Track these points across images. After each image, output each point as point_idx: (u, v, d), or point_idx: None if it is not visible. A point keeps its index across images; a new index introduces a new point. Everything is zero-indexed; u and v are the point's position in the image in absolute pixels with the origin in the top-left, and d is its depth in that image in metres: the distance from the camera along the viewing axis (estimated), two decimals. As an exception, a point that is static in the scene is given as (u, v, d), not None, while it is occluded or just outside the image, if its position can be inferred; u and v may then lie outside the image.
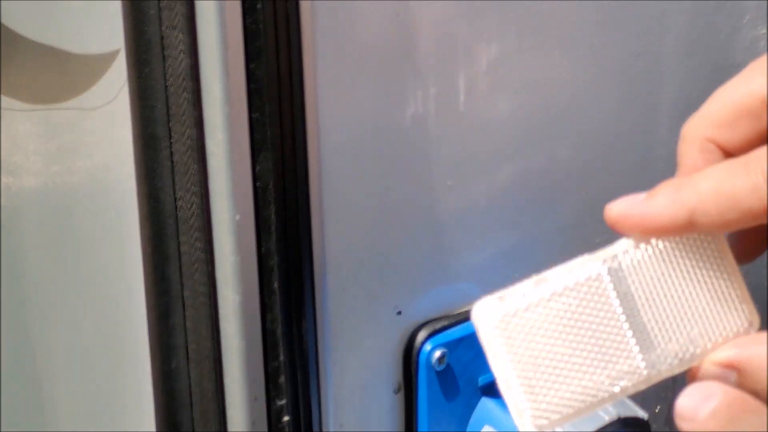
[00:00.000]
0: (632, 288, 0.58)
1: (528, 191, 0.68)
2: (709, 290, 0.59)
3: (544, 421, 0.56)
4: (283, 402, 0.60)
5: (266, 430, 0.61)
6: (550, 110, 0.68)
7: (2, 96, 0.68)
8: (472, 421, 0.68)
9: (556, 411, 0.57)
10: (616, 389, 0.58)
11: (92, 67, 0.63)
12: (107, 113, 0.63)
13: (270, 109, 0.57)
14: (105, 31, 0.61)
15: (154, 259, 0.60)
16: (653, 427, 0.81)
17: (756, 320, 0.60)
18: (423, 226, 0.64)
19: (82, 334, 0.69)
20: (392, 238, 0.63)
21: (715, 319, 0.60)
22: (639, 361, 0.58)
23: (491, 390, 0.68)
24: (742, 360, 0.58)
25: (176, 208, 0.59)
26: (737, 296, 0.60)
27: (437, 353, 0.65)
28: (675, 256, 0.59)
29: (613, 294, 0.58)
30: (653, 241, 0.58)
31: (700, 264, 0.60)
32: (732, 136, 0.59)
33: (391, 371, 0.65)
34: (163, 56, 0.57)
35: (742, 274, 0.60)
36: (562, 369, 0.57)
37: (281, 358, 0.60)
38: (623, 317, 0.58)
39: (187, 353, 0.60)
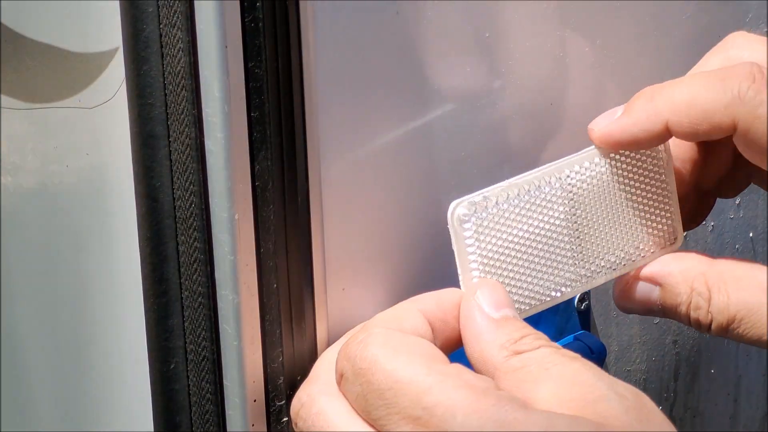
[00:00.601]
0: (585, 201, 0.63)
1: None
2: (649, 207, 0.65)
3: None
4: (282, 403, 0.60)
5: (265, 431, 0.60)
6: (551, 110, 0.68)
7: (0, 95, 0.68)
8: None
9: None
10: (558, 294, 0.63)
11: (90, 65, 0.62)
12: (105, 112, 0.63)
13: (269, 107, 0.57)
14: (103, 29, 0.61)
15: (153, 260, 0.59)
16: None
17: (680, 238, 0.66)
18: (424, 226, 0.64)
19: (78, 334, 0.69)
20: (393, 238, 0.63)
21: (648, 234, 0.65)
22: (582, 270, 0.63)
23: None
24: (664, 275, 0.64)
25: (175, 207, 0.58)
26: (670, 215, 0.65)
27: (437, 354, 0.65)
28: (627, 171, 0.64)
29: (569, 207, 0.62)
30: (612, 155, 0.63)
31: (647, 180, 0.64)
32: (682, 131, 0.62)
33: (391, 372, 0.65)
34: (162, 54, 0.57)
35: (677, 195, 0.65)
36: (516, 273, 0.61)
37: (281, 359, 0.59)
38: (574, 228, 0.62)
39: (186, 354, 0.60)
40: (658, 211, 0.65)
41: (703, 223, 0.79)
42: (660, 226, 0.66)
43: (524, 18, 0.65)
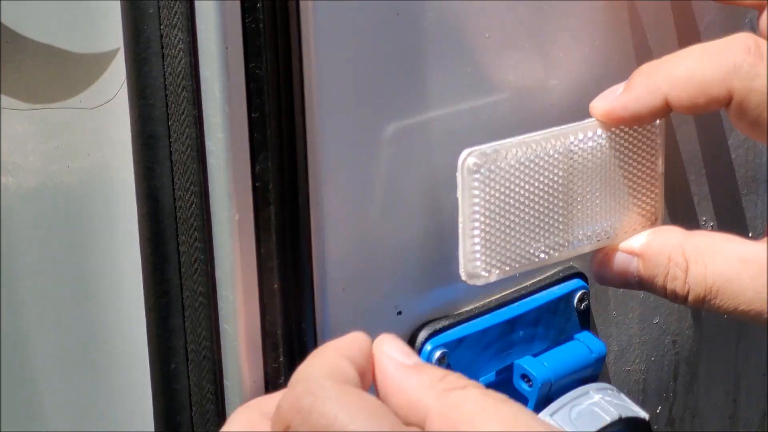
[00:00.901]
0: (582, 169, 0.64)
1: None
2: (637, 184, 0.67)
3: (486, 273, 0.62)
4: (283, 403, 0.60)
5: (265, 431, 0.60)
6: (552, 111, 0.68)
7: (1, 95, 0.68)
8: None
9: (497, 267, 0.63)
10: (545, 256, 0.64)
11: (91, 65, 0.62)
12: (106, 112, 0.63)
13: (270, 108, 0.57)
14: (104, 29, 0.61)
15: (153, 260, 0.59)
16: (654, 427, 0.80)
17: (660, 217, 0.68)
18: (424, 226, 0.64)
19: (80, 334, 0.69)
20: (393, 238, 0.63)
21: (633, 211, 0.67)
22: (569, 236, 0.65)
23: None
24: (643, 246, 0.66)
25: (175, 207, 0.58)
26: (655, 195, 0.67)
27: (437, 354, 0.65)
28: (623, 146, 0.65)
29: (568, 173, 0.64)
30: (612, 129, 0.64)
31: (639, 159, 0.66)
32: (682, 105, 0.63)
33: (391, 372, 0.65)
34: (163, 55, 0.57)
35: (663, 177, 0.67)
36: (513, 230, 0.63)
37: (281, 359, 0.59)
38: (568, 194, 0.64)
39: (187, 354, 0.60)
40: (644, 190, 0.67)
41: (703, 222, 0.79)
42: (644, 205, 0.67)
43: (524, 18, 0.65)
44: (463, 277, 0.62)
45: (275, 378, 0.60)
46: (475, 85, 0.64)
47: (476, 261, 0.62)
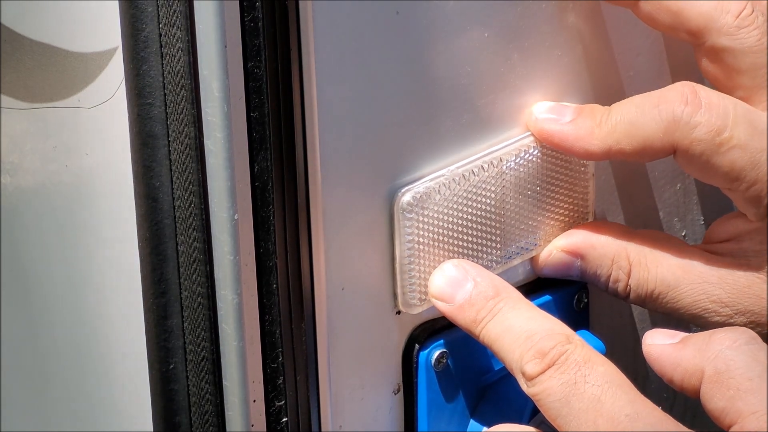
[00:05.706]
0: (515, 187, 0.65)
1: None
2: (569, 190, 0.67)
3: (420, 303, 0.63)
4: (282, 403, 0.60)
5: (265, 431, 0.60)
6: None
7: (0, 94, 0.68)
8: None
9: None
10: None
11: (89, 65, 0.62)
12: (104, 111, 0.63)
13: (269, 107, 0.57)
14: (102, 28, 0.61)
15: (152, 260, 0.59)
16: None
17: (591, 215, 0.69)
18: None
19: (79, 334, 0.69)
20: (392, 238, 0.63)
21: (565, 215, 0.68)
22: (502, 252, 0.65)
23: (491, 391, 0.68)
24: (586, 248, 0.67)
25: (174, 207, 0.58)
26: (586, 196, 0.68)
27: (437, 354, 0.65)
28: (556, 158, 0.66)
29: (500, 193, 0.64)
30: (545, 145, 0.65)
31: (571, 166, 0.67)
32: (625, 157, 0.65)
33: (390, 372, 0.65)
34: (161, 54, 0.57)
35: (594, 182, 0.68)
36: (446, 258, 0.63)
37: (280, 359, 0.59)
38: (501, 213, 0.65)
39: (186, 354, 0.60)
40: (575, 194, 0.68)
41: (702, 222, 0.79)
42: (575, 207, 0.68)
43: (523, 18, 0.65)
44: (399, 306, 0.63)
45: (274, 378, 0.60)
46: (474, 82, 0.64)
47: (412, 292, 0.63)
